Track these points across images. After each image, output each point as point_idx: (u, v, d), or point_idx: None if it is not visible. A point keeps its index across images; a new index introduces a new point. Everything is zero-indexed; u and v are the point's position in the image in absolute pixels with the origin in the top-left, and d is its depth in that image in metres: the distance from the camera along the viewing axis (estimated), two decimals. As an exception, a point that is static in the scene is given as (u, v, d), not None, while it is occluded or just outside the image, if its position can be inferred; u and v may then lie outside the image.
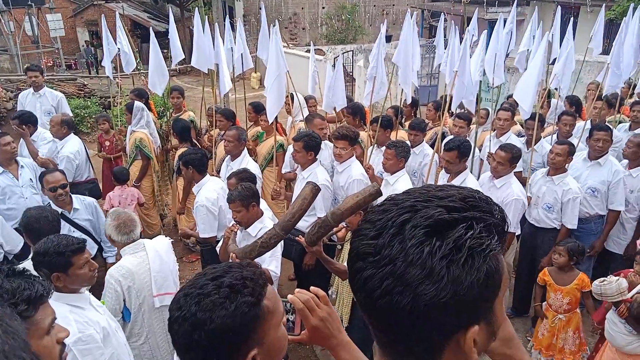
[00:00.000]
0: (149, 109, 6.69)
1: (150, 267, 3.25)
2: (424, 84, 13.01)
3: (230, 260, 3.66)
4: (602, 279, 3.38)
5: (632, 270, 3.94)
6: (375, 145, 5.61)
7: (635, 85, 7.09)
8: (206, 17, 6.56)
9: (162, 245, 3.42)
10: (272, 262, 3.49)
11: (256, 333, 1.22)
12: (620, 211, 4.61)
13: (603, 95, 6.15)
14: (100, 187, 6.27)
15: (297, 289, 1.30)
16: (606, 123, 5.52)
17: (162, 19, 24.50)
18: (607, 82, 5.63)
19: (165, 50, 7.46)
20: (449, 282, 0.71)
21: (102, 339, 2.56)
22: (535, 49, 5.75)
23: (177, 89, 7.07)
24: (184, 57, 6.86)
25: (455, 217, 0.75)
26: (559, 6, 6.91)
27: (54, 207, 4.08)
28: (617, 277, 3.29)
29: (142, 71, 10.61)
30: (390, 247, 0.75)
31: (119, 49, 6.70)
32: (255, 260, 3.03)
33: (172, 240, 6.46)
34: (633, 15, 5.64)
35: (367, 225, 0.80)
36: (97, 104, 11.89)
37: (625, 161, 4.79)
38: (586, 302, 3.99)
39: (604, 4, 7.39)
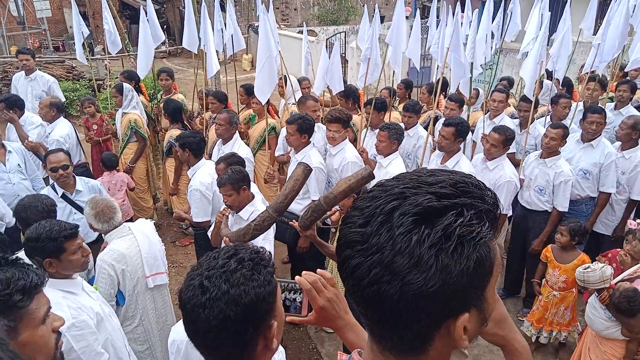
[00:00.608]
0: (140, 91, 6.60)
1: (141, 248, 3.29)
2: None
3: (224, 244, 3.67)
4: (586, 265, 3.42)
5: (620, 250, 3.99)
6: (369, 127, 5.58)
7: (624, 67, 7.08)
8: (197, -3, 6.42)
9: (147, 226, 3.46)
10: (264, 244, 3.47)
11: (276, 302, 1.29)
12: (610, 193, 4.63)
13: (596, 76, 6.14)
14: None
15: (304, 272, 1.31)
16: (598, 104, 5.53)
17: (151, -1, 24.09)
18: (594, 61, 5.61)
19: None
20: (437, 271, 0.70)
21: (96, 324, 2.56)
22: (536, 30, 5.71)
23: (165, 70, 6.97)
24: (164, 39, 6.67)
25: (445, 204, 0.74)
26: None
27: (57, 189, 4.15)
28: (602, 265, 3.32)
29: (131, 53, 10.42)
30: (378, 235, 0.74)
31: (105, 29, 6.52)
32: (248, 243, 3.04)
33: (165, 223, 6.47)
34: None
35: (355, 213, 0.79)
36: (86, 86, 11.73)
37: (618, 143, 4.81)
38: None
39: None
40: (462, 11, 6.58)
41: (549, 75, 6.71)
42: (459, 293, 0.72)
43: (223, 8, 7.16)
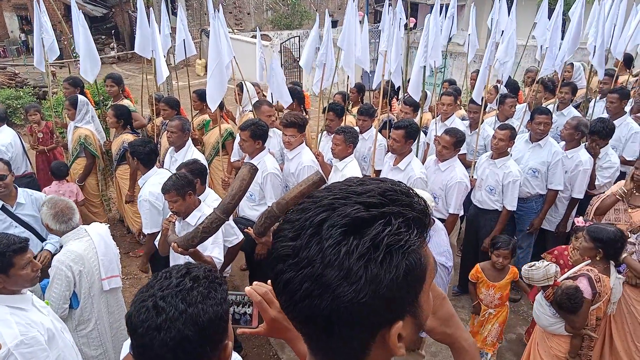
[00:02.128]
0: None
1: (97, 250, 3.29)
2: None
3: (172, 250, 3.60)
4: (531, 263, 3.50)
5: (564, 247, 4.17)
6: (325, 131, 5.61)
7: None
8: (145, 0, 6.26)
9: (102, 229, 3.45)
10: (214, 248, 3.46)
11: (229, 322, 1.27)
12: (558, 190, 4.84)
13: (541, 79, 6.41)
14: (37, 182, 5.94)
15: (255, 282, 1.28)
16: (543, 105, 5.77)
17: (98, 2, 23.34)
18: (541, 65, 5.86)
19: (104, 37, 7.06)
20: (367, 282, 0.70)
21: (47, 340, 2.47)
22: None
23: (110, 76, 6.69)
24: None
25: (373, 213, 0.74)
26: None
27: None
28: (547, 263, 3.42)
29: (78, 59, 10.07)
30: (308, 248, 0.73)
31: (42, 36, 6.06)
32: (198, 247, 3.00)
33: (118, 234, 6.26)
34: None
35: (287, 226, 0.78)
36: (30, 94, 11.23)
37: (563, 142, 5.02)
38: (520, 285, 4.14)
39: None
40: (414, 17, 6.72)
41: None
42: (390, 302, 0.72)
43: (175, 12, 7.02)
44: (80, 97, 5.83)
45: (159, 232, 4.25)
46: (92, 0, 23.63)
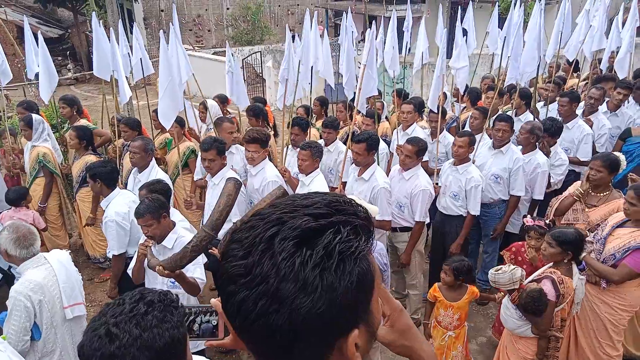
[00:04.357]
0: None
1: (58, 278, 3.17)
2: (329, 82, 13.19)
3: (148, 276, 3.50)
4: (497, 267, 3.57)
5: (521, 243, 4.27)
6: (289, 146, 5.61)
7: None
8: (101, 21, 6.14)
9: (63, 256, 3.34)
10: (195, 269, 3.37)
11: (187, 346, 1.23)
12: (520, 196, 4.96)
13: (502, 86, 6.62)
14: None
15: None
16: (500, 112, 5.94)
17: (53, 24, 22.82)
18: (508, 74, 6.02)
19: (60, 58, 6.88)
20: (323, 291, 0.70)
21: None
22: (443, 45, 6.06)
23: (62, 98, 6.50)
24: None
25: (323, 223, 0.75)
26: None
27: None
28: (514, 267, 3.48)
29: (32, 81, 9.78)
30: (260, 264, 0.72)
31: None
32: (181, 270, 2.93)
33: (81, 260, 6.07)
34: (541, 11, 6.12)
35: (235, 246, 0.77)
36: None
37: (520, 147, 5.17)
38: (486, 297, 4.20)
39: (496, 1, 7.96)
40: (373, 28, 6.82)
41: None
42: (346, 310, 0.73)
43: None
44: (35, 116, 5.68)
45: (125, 252, 4.16)
46: (47, 21, 23.10)
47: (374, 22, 6.63)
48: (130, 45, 6.48)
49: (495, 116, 5.44)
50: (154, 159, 4.93)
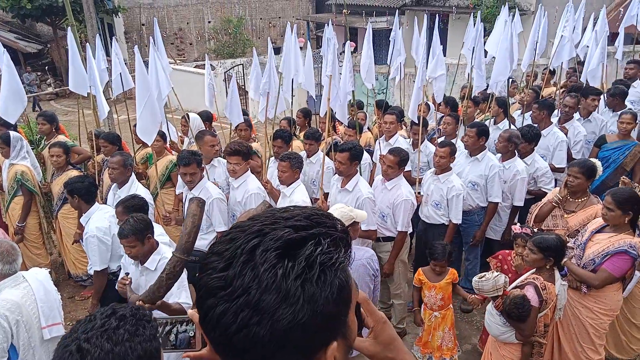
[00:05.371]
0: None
1: (36, 297, 3.09)
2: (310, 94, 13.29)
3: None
4: (481, 274, 3.59)
5: (508, 251, 4.31)
6: (273, 158, 5.62)
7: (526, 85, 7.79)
8: (82, 35, 6.09)
9: (42, 274, 3.26)
10: (181, 293, 3.29)
11: (160, 356, 1.23)
12: (497, 203, 5.02)
13: (471, 95, 6.73)
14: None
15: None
16: (476, 121, 6.03)
17: (32, 39, 22.59)
18: (474, 83, 6.15)
19: (40, 73, 6.80)
20: (305, 302, 0.71)
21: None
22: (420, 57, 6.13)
23: (42, 114, 6.40)
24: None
25: (303, 235, 0.76)
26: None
27: None
28: (497, 274, 3.51)
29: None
30: (242, 276, 0.72)
31: None
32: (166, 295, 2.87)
33: (61, 278, 5.95)
34: (511, 19, 6.25)
35: (214, 258, 0.77)
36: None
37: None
38: (459, 292, 4.26)
39: (471, 13, 8.08)
40: (354, 41, 6.91)
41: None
42: (326, 321, 0.74)
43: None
44: (13, 133, 5.58)
45: (107, 268, 4.10)
46: (26, 36, 22.87)
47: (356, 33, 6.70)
48: (109, 59, 6.44)
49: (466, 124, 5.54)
50: (133, 174, 4.87)
